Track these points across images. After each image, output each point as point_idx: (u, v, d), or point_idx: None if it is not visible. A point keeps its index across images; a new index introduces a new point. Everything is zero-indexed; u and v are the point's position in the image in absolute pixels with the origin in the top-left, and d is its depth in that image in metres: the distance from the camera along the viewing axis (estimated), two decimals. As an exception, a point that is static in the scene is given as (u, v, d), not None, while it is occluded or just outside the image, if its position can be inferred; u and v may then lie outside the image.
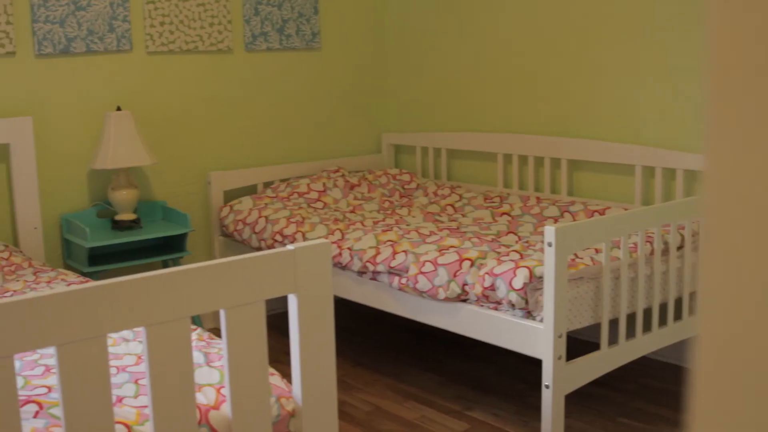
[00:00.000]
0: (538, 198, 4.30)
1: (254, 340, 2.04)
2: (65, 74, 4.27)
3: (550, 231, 2.87)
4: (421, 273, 3.38)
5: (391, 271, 3.54)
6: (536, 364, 3.99)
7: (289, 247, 2.07)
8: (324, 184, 4.65)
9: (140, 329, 2.00)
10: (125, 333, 2.62)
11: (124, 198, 4.21)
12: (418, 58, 5.20)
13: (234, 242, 4.55)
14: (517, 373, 3.99)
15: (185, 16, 4.59)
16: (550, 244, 2.88)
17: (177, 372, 1.92)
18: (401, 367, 4.12)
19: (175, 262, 4.33)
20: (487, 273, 3.18)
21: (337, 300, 3.89)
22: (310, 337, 2.12)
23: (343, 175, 4.80)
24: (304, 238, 3.99)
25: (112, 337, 2.59)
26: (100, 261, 4.17)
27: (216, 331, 4.49)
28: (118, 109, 4.21)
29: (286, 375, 2.29)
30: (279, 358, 3.47)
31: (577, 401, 3.54)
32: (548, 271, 2.92)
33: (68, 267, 4.29)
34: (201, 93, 4.70)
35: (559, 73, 4.44)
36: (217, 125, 4.77)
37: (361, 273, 3.72)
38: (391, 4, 5.31)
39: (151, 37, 4.49)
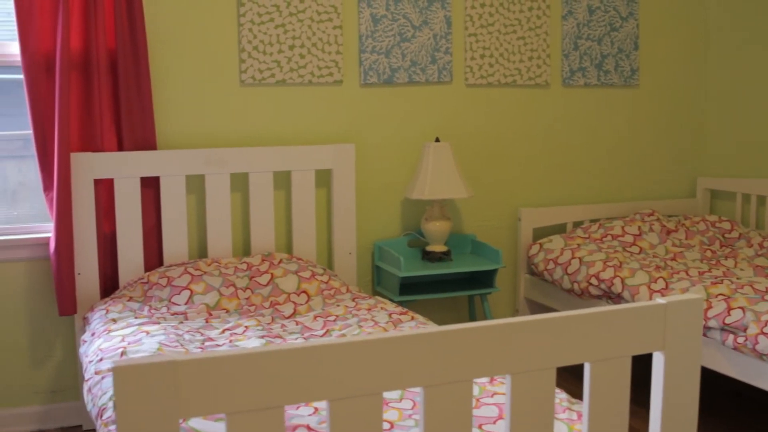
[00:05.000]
0: None
1: (617, 398, 1.89)
2: (387, 104, 4.33)
3: None
4: (763, 333, 3.09)
5: (725, 328, 3.27)
6: None
7: (660, 300, 1.90)
8: (639, 228, 4.42)
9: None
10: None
11: (437, 229, 4.19)
12: (742, 99, 4.86)
13: (542, 281, 4.42)
14: None
15: (505, 49, 4.53)
16: None
17: (537, 424, 1.80)
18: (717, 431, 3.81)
19: (483, 298, 4.26)
20: (844, 340, 2.86)
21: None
22: (674, 401, 1.94)
23: (658, 219, 4.55)
24: (623, 284, 3.79)
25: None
26: (408, 290, 4.16)
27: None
28: (437, 140, 4.20)
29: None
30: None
31: None
32: None
33: (377, 294, 4.33)
34: (516, 127, 4.62)
35: None
36: (530, 160, 4.68)
37: (687, 326, 3.46)
38: (716, 42, 5.01)
39: (471, 70, 4.47)
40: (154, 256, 3.93)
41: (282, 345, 1.57)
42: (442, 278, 4.36)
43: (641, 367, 3.27)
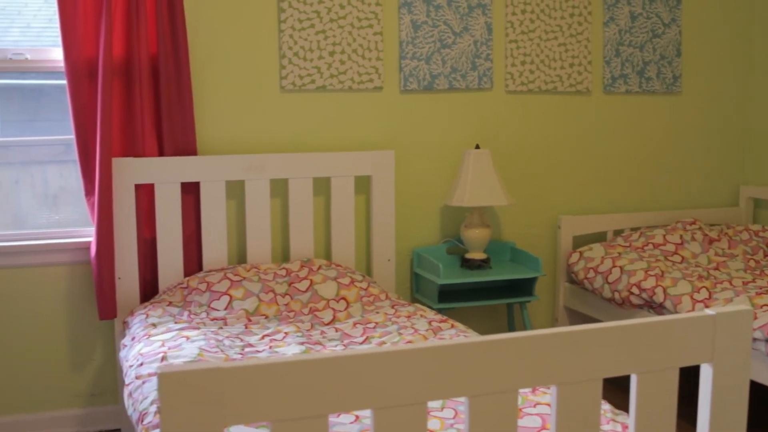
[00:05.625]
0: None
1: (664, 410, 1.85)
2: (427, 110, 4.32)
3: None
4: (810, 345, 3.04)
5: (771, 340, 3.22)
6: None
7: (708, 311, 1.87)
8: (681, 237, 4.37)
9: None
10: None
11: (476, 237, 4.16)
12: (789, 107, 4.80)
13: (581, 290, 4.38)
14: None
15: (546, 56, 4.50)
16: None
17: (583, 437, 1.77)
18: (761, 444, 3.75)
19: (522, 306, 4.23)
20: None
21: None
22: (722, 414, 1.90)
23: (700, 228, 4.49)
24: (665, 294, 3.74)
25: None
26: (447, 298, 4.14)
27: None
28: (477, 147, 4.18)
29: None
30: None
31: None
32: None
33: (416, 301, 4.31)
34: (556, 134, 4.59)
35: None
36: (570, 168, 4.64)
37: (731, 337, 3.41)
38: (760, 48, 4.94)
39: (512, 76, 4.44)
40: (193, 262, 3.94)
41: (327, 353, 1.55)
42: (481, 286, 4.32)
43: (684, 379, 3.23)
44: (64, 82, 3.73)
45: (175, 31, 3.79)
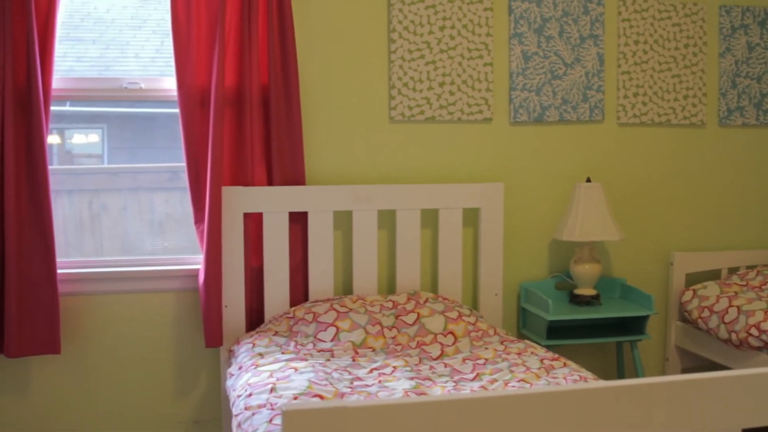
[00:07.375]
0: None
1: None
2: (537, 142, 4.25)
3: None
4: None
5: None
6: None
7: None
8: (801, 276, 4.19)
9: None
10: None
11: (586, 272, 4.06)
12: None
13: (694, 329, 4.22)
14: None
15: (659, 87, 4.39)
16: None
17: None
18: None
19: (633, 345, 4.10)
20: None
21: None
22: None
23: (821, 268, 4.30)
24: (787, 336, 3.58)
25: None
26: (555, 334, 4.03)
27: None
28: (588, 180, 4.09)
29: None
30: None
31: None
32: None
33: (523, 336, 4.22)
34: (669, 168, 4.46)
35: None
36: (683, 203, 4.50)
37: None
38: None
39: (624, 108, 4.34)
40: (299, 291, 3.93)
41: (455, 395, 1.50)
42: (589, 323, 4.20)
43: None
44: (173, 110, 3.77)
45: (285, 61, 3.81)
